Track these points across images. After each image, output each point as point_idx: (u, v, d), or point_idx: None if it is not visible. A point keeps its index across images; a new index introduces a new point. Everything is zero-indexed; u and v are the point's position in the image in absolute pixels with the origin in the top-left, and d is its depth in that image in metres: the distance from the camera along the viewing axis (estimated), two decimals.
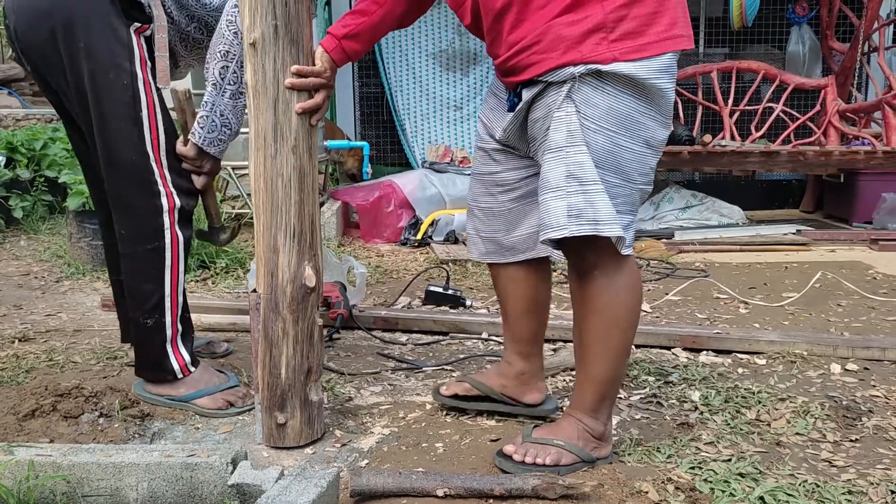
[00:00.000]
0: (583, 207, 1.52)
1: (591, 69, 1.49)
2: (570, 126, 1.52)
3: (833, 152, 4.78)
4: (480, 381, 1.96)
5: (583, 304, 1.66)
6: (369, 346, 2.65)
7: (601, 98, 1.51)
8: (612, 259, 1.60)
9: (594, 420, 1.70)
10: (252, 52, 1.67)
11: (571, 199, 1.52)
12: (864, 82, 5.72)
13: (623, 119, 1.53)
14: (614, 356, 1.66)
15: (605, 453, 1.72)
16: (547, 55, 1.52)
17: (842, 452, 1.79)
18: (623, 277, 1.63)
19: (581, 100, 1.52)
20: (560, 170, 1.53)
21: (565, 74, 1.51)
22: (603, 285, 1.62)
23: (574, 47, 1.49)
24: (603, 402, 1.70)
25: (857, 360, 2.43)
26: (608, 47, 1.48)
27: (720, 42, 6.06)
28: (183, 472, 1.45)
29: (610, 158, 1.54)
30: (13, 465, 1.46)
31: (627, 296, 1.64)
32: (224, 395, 2.03)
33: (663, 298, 3.26)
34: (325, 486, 1.39)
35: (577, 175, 1.52)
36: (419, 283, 3.38)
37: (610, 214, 1.52)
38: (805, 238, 4.65)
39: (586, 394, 1.70)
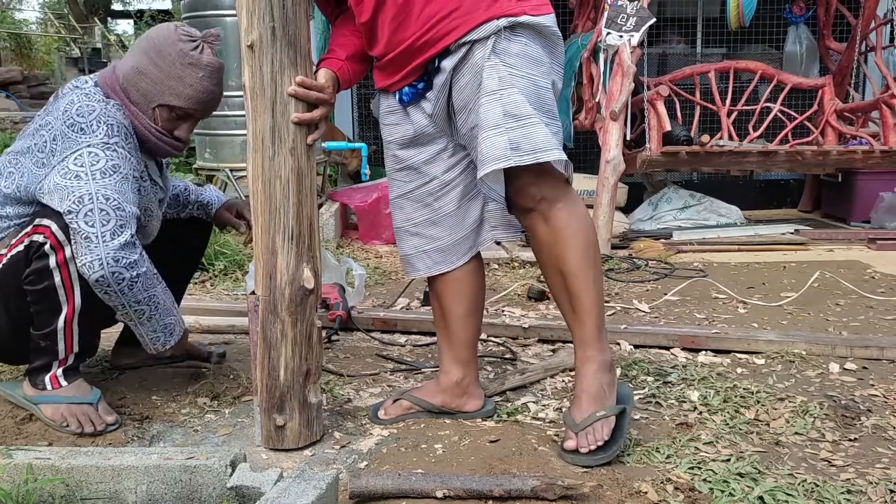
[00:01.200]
0: (521, 140, 1.65)
1: (511, 21, 1.68)
2: (500, 73, 1.67)
3: (831, 152, 4.78)
4: (419, 397, 1.99)
5: (556, 240, 1.75)
6: (368, 347, 2.65)
7: (518, 47, 1.70)
8: (565, 189, 1.75)
9: (602, 353, 1.79)
10: (250, 54, 1.67)
11: (511, 133, 1.65)
12: (862, 82, 5.73)
13: (538, 63, 1.72)
14: (599, 274, 1.79)
15: (616, 375, 1.83)
16: (470, 15, 1.68)
17: (841, 452, 1.79)
18: (579, 203, 1.78)
19: (502, 51, 1.69)
20: (497, 110, 1.66)
21: (491, 28, 1.68)
22: (568, 214, 1.74)
23: (493, 4, 1.68)
24: (602, 328, 1.80)
25: (856, 360, 2.43)
26: (517, 4, 1.70)
27: (717, 42, 6.07)
28: (182, 474, 1.45)
29: (537, 99, 1.71)
30: (12, 469, 1.46)
31: (588, 218, 1.79)
32: (69, 408, 1.87)
33: (662, 299, 3.26)
34: (325, 488, 1.39)
35: (514, 112, 1.66)
36: (418, 284, 3.38)
37: (550, 142, 1.66)
38: (803, 238, 4.66)
39: (590, 325, 1.77)
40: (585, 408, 1.75)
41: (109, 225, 1.73)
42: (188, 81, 1.87)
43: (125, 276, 1.76)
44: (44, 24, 18.33)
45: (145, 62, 1.86)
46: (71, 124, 1.80)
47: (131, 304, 1.82)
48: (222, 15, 4.65)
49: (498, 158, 1.65)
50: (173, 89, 1.87)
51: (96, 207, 1.73)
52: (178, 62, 1.86)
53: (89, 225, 1.72)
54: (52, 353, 1.87)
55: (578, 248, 1.74)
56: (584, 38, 4.89)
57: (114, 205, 1.74)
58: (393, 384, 2.28)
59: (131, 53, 1.92)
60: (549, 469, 1.66)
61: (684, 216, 5.13)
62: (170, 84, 1.86)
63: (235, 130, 4.68)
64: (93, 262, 1.73)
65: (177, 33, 1.88)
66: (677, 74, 5.16)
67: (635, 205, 5.32)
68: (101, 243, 1.72)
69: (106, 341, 2.33)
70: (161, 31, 1.89)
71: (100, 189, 1.74)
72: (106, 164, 1.77)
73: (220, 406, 2.09)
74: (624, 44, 4.40)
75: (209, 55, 1.90)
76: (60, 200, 1.74)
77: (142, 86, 1.87)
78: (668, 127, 4.67)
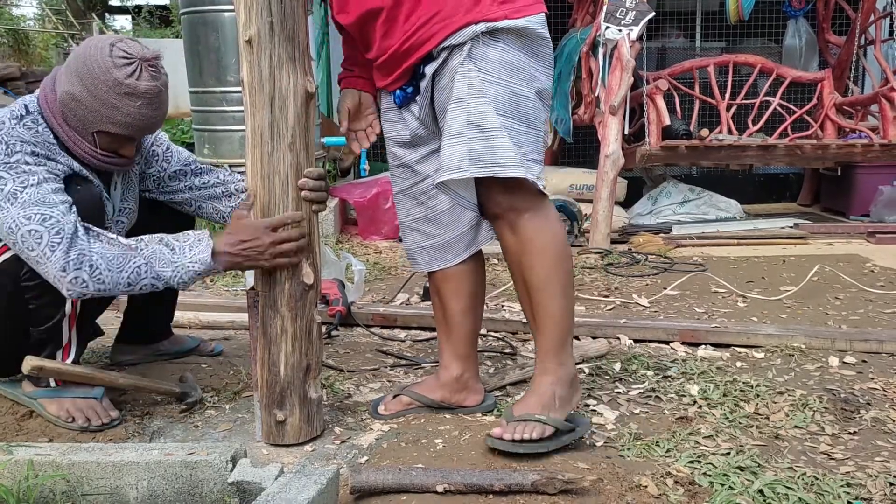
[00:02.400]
0: (482, 152, 1.65)
1: (489, 26, 1.65)
2: (470, 80, 1.66)
3: (830, 146, 4.78)
4: (419, 392, 1.99)
5: (523, 251, 1.75)
6: (368, 342, 2.65)
7: (495, 53, 1.66)
8: (538, 200, 1.73)
9: (563, 367, 1.77)
10: (248, 49, 1.66)
11: (472, 144, 1.65)
12: (861, 75, 5.72)
13: (517, 69, 1.68)
14: (567, 288, 1.77)
15: (576, 401, 1.80)
16: (450, 19, 1.66)
17: (840, 445, 1.80)
18: (550, 214, 1.76)
19: (478, 56, 1.66)
20: (462, 118, 1.66)
21: (468, 33, 1.66)
22: (539, 226, 1.73)
23: (473, 8, 1.66)
24: (566, 340, 1.78)
25: (855, 353, 2.44)
26: (499, 7, 1.66)
27: (717, 36, 6.06)
28: (182, 470, 1.45)
29: (511, 107, 1.68)
30: (12, 465, 1.46)
31: (559, 230, 1.77)
32: (74, 402, 1.87)
33: (661, 293, 3.26)
34: (325, 483, 1.39)
35: (477, 122, 1.65)
36: (417, 279, 3.38)
37: (510, 157, 1.65)
38: (802, 231, 4.66)
39: (552, 336, 1.77)
40: (527, 407, 1.75)
41: (44, 240, 1.65)
42: (125, 111, 1.75)
43: (83, 277, 1.66)
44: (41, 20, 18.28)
45: (79, 88, 1.74)
46: None
47: (125, 286, 1.71)
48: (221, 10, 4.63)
49: (453, 168, 1.67)
50: (110, 118, 1.76)
51: (23, 231, 1.65)
52: (114, 91, 1.73)
53: (30, 249, 1.66)
54: (56, 345, 1.85)
55: (544, 261, 1.73)
56: (584, 33, 4.88)
57: (38, 220, 1.65)
58: (393, 379, 2.28)
59: (67, 73, 1.77)
60: (549, 463, 1.66)
61: (684, 210, 5.13)
62: (106, 113, 1.75)
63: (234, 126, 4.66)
64: (56, 282, 1.67)
65: (112, 57, 1.73)
66: (676, 69, 5.15)
67: (635, 199, 5.32)
68: (46, 262, 1.65)
69: (106, 339, 2.33)
70: (94, 53, 1.74)
71: (18, 212, 1.65)
72: (13, 184, 1.68)
73: (220, 402, 2.09)
74: (623, 38, 4.40)
75: (147, 80, 1.75)
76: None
77: (78, 112, 1.76)
78: (668, 121, 4.67)
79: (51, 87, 1.81)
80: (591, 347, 2.45)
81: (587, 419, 1.82)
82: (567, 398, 1.77)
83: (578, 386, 1.83)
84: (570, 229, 4.52)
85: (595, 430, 1.88)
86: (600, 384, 2.20)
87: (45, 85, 1.83)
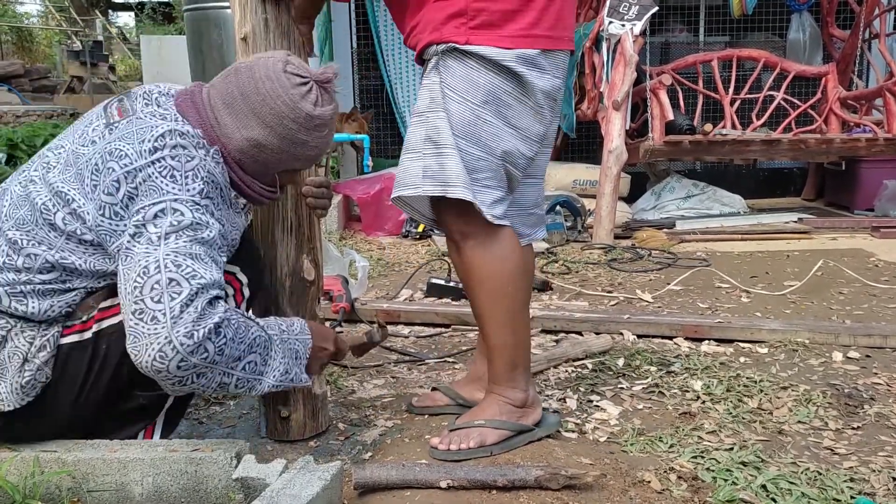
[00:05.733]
0: (436, 169, 1.60)
1: (450, 47, 1.58)
2: (433, 93, 1.61)
3: (834, 140, 4.76)
4: (452, 387, 2.00)
5: (467, 277, 1.72)
6: None
7: (463, 70, 1.59)
8: (484, 228, 1.65)
9: (512, 389, 1.75)
10: (244, 46, 1.67)
11: (427, 160, 1.61)
12: (865, 69, 5.70)
13: (485, 93, 1.59)
14: (508, 322, 1.71)
15: (535, 418, 1.77)
16: (421, 35, 1.63)
17: (844, 440, 1.80)
18: (497, 246, 1.67)
19: (445, 70, 1.60)
20: (420, 133, 1.63)
21: (430, 52, 1.62)
22: (479, 255, 1.67)
23: (438, 28, 1.58)
24: (515, 370, 1.74)
25: (859, 348, 2.43)
26: (466, 32, 1.56)
27: (720, 30, 6.04)
28: (187, 466, 1.46)
29: (470, 128, 1.60)
30: (18, 462, 1.47)
31: (504, 264, 1.68)
32: None
33: (665, 288, 3.26)
34: (329, 479, 1.39)
35: (434, 139, 1.60)
36: (421, 275, 3.38)
37: (459, 178, 1.58)
38: (806, 226, 4.65)
39: (497, 365, 1.75)
40: (468, 416, 1.77)
41: (181, 297, 1.33)
42: (313, 144, 1.54)
43: (207, 348, 1.36)
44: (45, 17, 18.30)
45: (263, 133, 1.48)
46: (161, 168, 1.39)
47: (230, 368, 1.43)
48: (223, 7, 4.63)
49: (408, 185, 1.64)
50: (298, 156, 1.54)
51: (163, 277, 1.33)
52: (304, 127, 1.50)
53: (154, 300, 1.33)
54: (153, 414, 1.62)
55: (483, 293, 1.69)
56: (587, 28, 4.87)
57: (187, 273, 1.35)
58: (397, 375, 2.29)
59: (242, 114, 1.49)
60: (552, 459, 1.66)
61: (687, 205, 5.12)
62: (294, 151, 1.53)
63: None
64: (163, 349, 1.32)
65: (292, 86, 1.48)
66: (680, 63, 5.14)
67: (638, 194, 5.31)
68: (168, 321, 1.32)
69: None
70: (273, 87, 1.47)
71: (169, 254, 1.35)
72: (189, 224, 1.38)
73: (224, 398, 2.10)
74: (626, 33, 4.39)
75: (328, 105, 1.53)
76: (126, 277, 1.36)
77: (261, 157, 1.52)
78: (671, 116, 4.66)
79: (213, 120, 1.50)
80: (595, 343, 2.46)
81: (556, 418, 1.81)
82: (516, 415, 1.74)
83: (535, 406, 1.78)
84: (574, 225, 4.52)
85: (598, 426, 1.88)
86: (603, 380, 2.20)
87: (205, 116, 1.51)
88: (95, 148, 1.42)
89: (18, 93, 10.17)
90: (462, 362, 2.40)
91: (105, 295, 1.49)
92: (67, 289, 1.46)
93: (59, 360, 1.46)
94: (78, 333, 1.47)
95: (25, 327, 1.44)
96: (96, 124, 1.48)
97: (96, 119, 1.49)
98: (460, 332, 2.72)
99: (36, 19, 18.51)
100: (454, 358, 2.44)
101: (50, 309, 1.44)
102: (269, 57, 1.50)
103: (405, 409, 2.00)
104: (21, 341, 1.44)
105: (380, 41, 5.66)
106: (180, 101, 1.52)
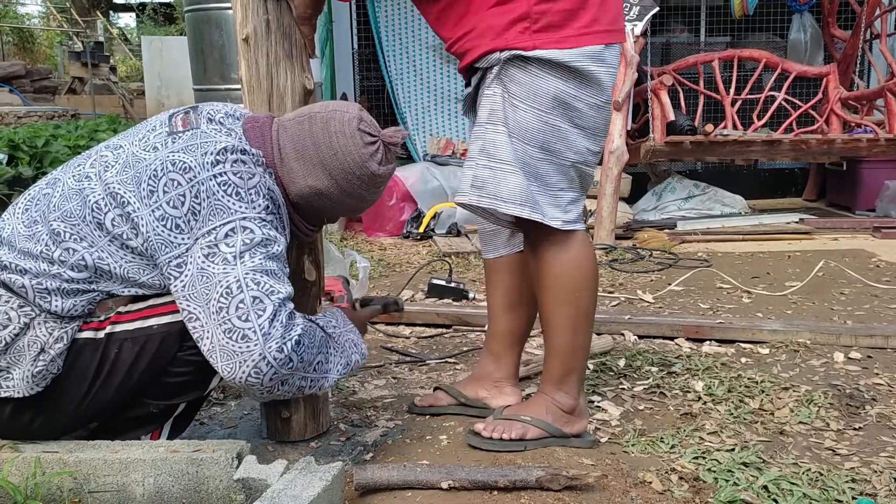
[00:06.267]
0: (487, 181, 1.62)
1: (514, 55, 1.58)
2: (494, 105, 1.62)
3: (835, 140, 4.76)
4: (455, 387, 2.00)
5: (538, 279, 1.74)
6: (373, 339, 2.65)
7: (527, 77, 1.59)
8: (557, 234, 1.67)
9: (563, 394, 1.75)
10: (245, 47, 1.67)
11: (478, 171, 1.63)
12: (867, 70, 5.69)
13: (550, 99, 1.60)
14: (571, 328, 1.72)
15: (578, 429, 1.76)
16: (479, 41, 1.61)
17: (845, 441, 1.80)
18: (570, 252, 1.69)
19: (508, 80, 1.61)
20: (478, 143, 1.65)
21: (492, 60, 1.61)
22: (551, 259, 1.69)
23: (500, 35, 1.58)
24: (569, 375, 1.75)
25: (860, 349, 2.43)
26: (530, 37, 1.57)
27: (721, 31, 6.03)
28: (188, 467, 1.46)
29: (539, 135, 1.61)
30: (20, 462, 1.47)
31: (575, 270, 1.70)
32: None
33: (666, 289, 3.26)
34: (330, 480, 1.39)
35: (489, 151, 1.62)
36: (422, 276, 3.39)
37: (515, 193, 1.60)
38: (808, 227, 4.64)
39: (552, 367, 1.76)
40: (516, 409, 1.79)
41: (265, 314, 1.39)
42: (368, 198, 1.61)
43: (292, 359, 1.44)
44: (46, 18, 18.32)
45: (328, 184, 1.53)
46: (223, 182, 1.41)
47: (308, 372, 1.52)
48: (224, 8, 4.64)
49: (460, 192, 1.67)
50: (351, 207, 1.62)
51: (247, 296, 1.39)
52: (366, 184, 1.56)
53: (242, 319, 1.38)
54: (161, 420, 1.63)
55: (550, 295, 1.71)
56: None
57: (266, 289, 1.40)
58: (398, 376, 2.29)
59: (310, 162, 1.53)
60: (553, 460, 1.66)
61: (688, 206, 5.11)
62: (350, 203, 1.59)
63: None
64: (258, 365, 1.39)
65: (363, 145, 1.53)
66: (681, 63, 5.14)
67: (639, 195, 5.31)
68: (261, 338, 1.39)
69: None
70: (345, 143, 1.52)
71: (248, 275, 1.39)
72: (259, 241, 1.42)
73: (225, 399, 2.10)
74: (627, 33, 4.38)
75: (390, 162, 1.59)
76: (206, 297, 1.39)
77: (318, 204, 1.57)
78: (672, 116, 4.65)
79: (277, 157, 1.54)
80: (596, 343, 2.45)
81: (595, 439, 1.79)
82: (561, 420, 1.75)
83: (582, 418, 1.78)
84: None
85: (599, 427, 1.88)
86: (605, 380, 2.20)
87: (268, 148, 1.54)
88: (157, 155, 1.44)
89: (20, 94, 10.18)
90: (463, 363, 2.40)
91: (126, 300, 1.51)
92: (92, 290, 1.47)
93: (71, 354, 1.48)
94: (93, 331, 1.49)
95: (49, 318, 1.45)
96: (159, 131, 1.50)
97: (160, 126, 1.52)
98: (461, 332, 2.72)
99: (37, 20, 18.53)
100: (455, 358, 2.44)
101: (73, 308, 1.46)
102: (344, 112, 1.54)
103: (407, 410, 2.00)
104: (43, 331, 1.45)
105: (381, 42, 5.66)
106: (248, 126, 1.55)
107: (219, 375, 1.52)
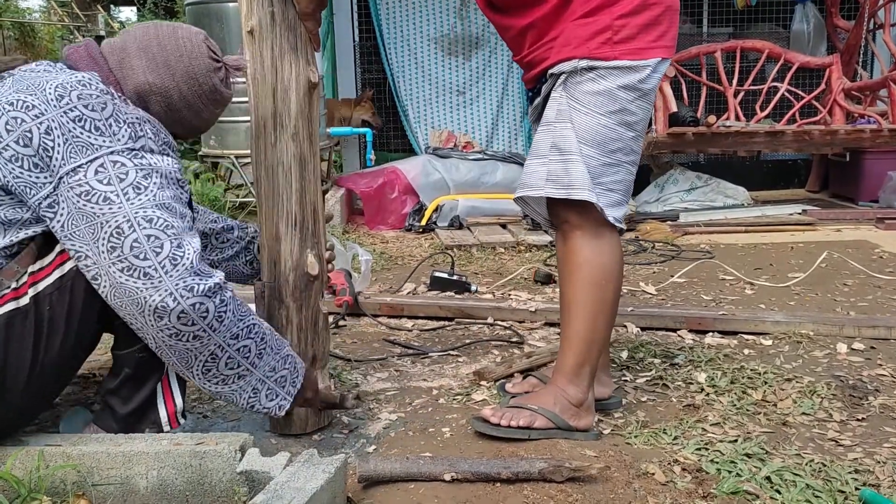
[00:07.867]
0: (560, 174, 1.71)
1: (591, 64, 1.68)
2: (560, 106, 1.72)
3: (838, 131, 4.75)
4: (545, 374, 2.01)
5: (565, 262, 1.78)
6: (375, 332, 2.65)
7: (589, 84, 1.69)
8: (594, 224, 1.74)
9: (574, 387, 1.76)
10: (250, 40, 1.66)
11: (551, 166, 1.72)
12: (870, 60, 5.67)
13: (608, 101, 1.70)
14: (592, 315, 1.75)
15: (585, 424, 1.76)
16: (561, 49, 1.71)
17: (848, 432, 1.79)
18: (603, 241, 1.75)
19: (573, 86, 1.71)
20: (547, 141, 1.73)
21: (568, 67, 1.69)
22: (582, 244, 1.75)
23: (583, 44, 1.68)
24: (582, 367, 1.76)
25: (864, 340, 2.43)
26: (612, 47, 1.68)
27: (724, 22, 6.01)
28: (192, 459, 1.46)
29: (595, 137, 1.71)
30: (24, 455, 1.47)
31: (605, 257, 1.75)
32: None
33: (668, 280, 3.25)
34: (333, 473, 1.39)
35: (560, 146, 1.71)
36: (424, 268, 3.38)
37: (583, 182, 1.69)
38: (811, 218, 4.63)
39: (567, 356, 1.77)
40: (525, 399, 1.80)
41: (164, 251, 1.35)
42: (204, 116, 1.61)
43: (208, 308, 1.39)
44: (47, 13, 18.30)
45: (169, 84, 1.52)
46: (77, 118, 1.37)
47: (228, 342, 1.46)
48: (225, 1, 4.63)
49: (532, 187, 1.75)
50: (185, 121, 1.59)
51: (140, 235, 1.35)
52: (207, 96, 1.58)
53: (141, 258, 1.34)
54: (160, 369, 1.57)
55: (581, 278, 1.74)
56: None
57: (161, 225, 1.36)
58: (400, 369, 2.29)
59: (151, 58, 1.52)
60: (556, 451, 1.66)
61: (691, 198, 5.11)
62: (186, 115, 1.57)
63: (240, 117, 4.67)
64: (165, 301, 1.35)
65: (208, 56, 1.57)
66: (683, 55, 5.11)
67: (641, 187, 5.30)
68: (163, 275, 1.35)
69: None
70: (192, 48, 1.54)
71: (137, 211, 1.35)
72: (136, 176, 1.38)
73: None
74: None
75: (230, 87, 1.64)
76: (93, 236, 1.36)
77: (153, 108, 1.54)
78: (674, 108, 4.64)
79: (114, 62, 1.52)
80: None
81: (597, 432, 1.79)
82: (569, 413, 1.75)
83: (589, 413, 1.78)
84: None
85: (602, 418, 1.88)
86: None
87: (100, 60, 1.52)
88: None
89: None
90: (466, 355, 2.40)
91: (29, 258, 1.44)
92: None
93: (1, 332, 1.40)
94: (13, 301, 1.42)
95: None
96: None
97: None
98: (464, 325, 2.72)
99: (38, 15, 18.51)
100: (458, 351, 2.44)
101: None
102: (190, 28, 1.61)
103: (496, 392, 2.03)
104: None
105: (382, 34, 5.65)
106: (71, 56, 1.53)
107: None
